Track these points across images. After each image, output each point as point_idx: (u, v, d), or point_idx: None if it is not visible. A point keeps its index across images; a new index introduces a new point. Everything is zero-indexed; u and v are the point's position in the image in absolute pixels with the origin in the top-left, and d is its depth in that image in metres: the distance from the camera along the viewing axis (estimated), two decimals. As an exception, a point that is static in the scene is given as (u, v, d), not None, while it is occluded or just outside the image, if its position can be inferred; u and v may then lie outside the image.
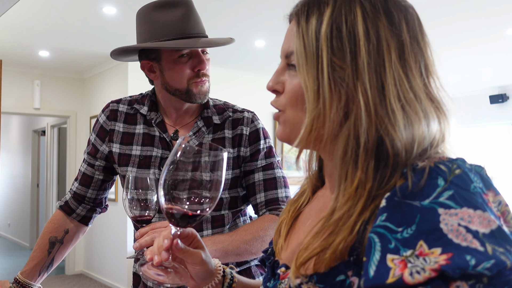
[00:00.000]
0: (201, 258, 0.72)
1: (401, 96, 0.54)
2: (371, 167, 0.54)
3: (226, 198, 1.31)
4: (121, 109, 1.36)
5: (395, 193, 0.50)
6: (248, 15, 3.81)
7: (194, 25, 1.24)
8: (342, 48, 0.56)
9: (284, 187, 1.34)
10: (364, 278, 0.48)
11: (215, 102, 1.39)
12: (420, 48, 0.58)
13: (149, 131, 1.32)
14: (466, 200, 0.47)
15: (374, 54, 0.55)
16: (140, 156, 1.30)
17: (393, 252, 0.46)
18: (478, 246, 0.44)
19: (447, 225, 0.46)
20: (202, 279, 0.75)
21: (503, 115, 6.80)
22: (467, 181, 0.49)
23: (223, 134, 1.32)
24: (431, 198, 0.48)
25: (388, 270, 0.46)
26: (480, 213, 0.46)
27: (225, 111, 1.36)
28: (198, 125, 1.31)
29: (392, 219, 0.48)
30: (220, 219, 1.30)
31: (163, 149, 1.30)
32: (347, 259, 0.53)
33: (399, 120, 0.53)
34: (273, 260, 0.70)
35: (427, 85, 0.57)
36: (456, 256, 0.43)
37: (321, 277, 0.54)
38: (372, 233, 0.49)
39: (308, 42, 0.57)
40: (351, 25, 0.56)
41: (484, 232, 0.45)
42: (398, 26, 0.57)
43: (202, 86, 1.25)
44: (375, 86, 0.54)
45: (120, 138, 1.33)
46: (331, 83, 0.56)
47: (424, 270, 0.44)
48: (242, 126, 1.32)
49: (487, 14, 3.81)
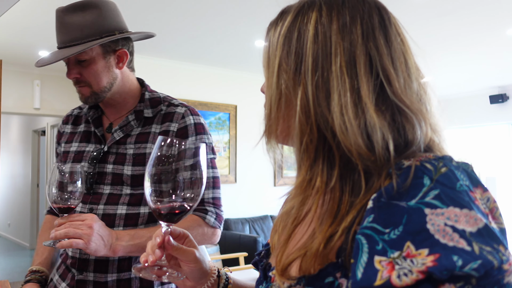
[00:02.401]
0: (194, 256, 0.72)
1: (342, 100, 0.54)
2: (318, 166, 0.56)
3: None
4: (74, 114, 1.47)
5: (381, 194, 0.50)
6: (248, 15, 3.81)
7: (63, 36, 1.27)
8: (290, 51, 0.59)
9: (212, 188, 1.31)
10: (351, 280, 0.47)
11: (153, 95, 1.39)
12: (378, 51, 0.56)
13: (88, 128, 1.40)
14: (452, 199, 0.47)
15: (321, 57, 0.56)
16: (75, 152, 1.36)
17: (381, 253, 0.46)
18: (465, 245, 0.44)
19: (433, 225, 0.45)
20: (197, 279, 0.75)
21: (503, 115, 6.79)
22: (453, 180, 0.48)
23: (150, 129, 1.32)
24: (417, 198, 0.47)
25: (375, 272, 0.45)
26: (466, 212, 0.46)
27: (160, 105, 1.36)
28: (128, 119, 1.33)
29: (379, 220, 0.48)
30: (134, 218, 1.28)
31: (95, 144, 1.35)
32: (335, 261, 0.53)
33: (338, 126, 0.54)
34: (265, 262, 0.71)
35: (386, 88, 0.55)
36: (443, 257, 0.43)
37: (310, 280, 0.54)
38: (359, 235, 0.49)
39: (271, 47, 0.62)
40: (302, 30, 0.59)
41: (471, 231, 0.45)
42: (350, 29, 0.57)
43: (80, 90, 1.31)
44: (322, 90, 0.56)
45: (66, 138, 1.43)
46: (276, 86, 0.60)
47: (411, 272, 0.43)
48: (170, 122, 1.31)
49: (487, 14, 3.81)
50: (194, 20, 3.91)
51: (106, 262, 1.26)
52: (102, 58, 1.28)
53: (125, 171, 1.29)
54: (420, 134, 0.55)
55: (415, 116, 0.55)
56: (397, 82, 0.56)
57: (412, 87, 0.57)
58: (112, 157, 1.31)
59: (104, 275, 1.26)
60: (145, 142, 1.30)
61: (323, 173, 0.56)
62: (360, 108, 0.54)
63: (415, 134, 0.55)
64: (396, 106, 0.55)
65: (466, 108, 7.07)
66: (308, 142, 0.57)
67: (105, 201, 1.28)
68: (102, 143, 1.34)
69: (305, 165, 0.58)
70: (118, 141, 1.32)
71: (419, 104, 0.57)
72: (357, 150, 0.53)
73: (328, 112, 0.55)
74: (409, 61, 0.59)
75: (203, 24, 4.03)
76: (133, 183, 1.28)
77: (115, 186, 1.29)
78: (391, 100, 0.55)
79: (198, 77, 5.53)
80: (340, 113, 0.54)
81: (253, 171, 5.89)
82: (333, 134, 0.55)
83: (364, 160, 0.53)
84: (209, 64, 5.48)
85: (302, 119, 0.57)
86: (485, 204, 0.50)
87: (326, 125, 0.55)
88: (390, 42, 0.58)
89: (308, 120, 0.56)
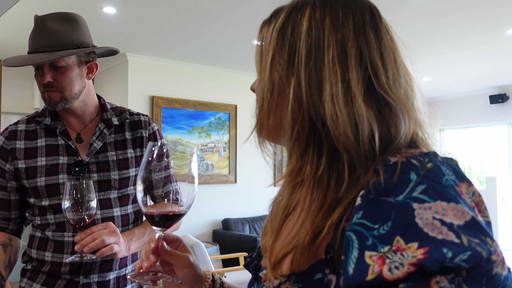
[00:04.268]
0: (188, 260, 0.72)
1: (333, 89, 0.56)
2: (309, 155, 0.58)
3: (132, 194, 1.44)
4: (20, 129, 1.45)
5: (369, 191, 0.51)
6: (248, 15, 3.81)
7: (40, 41, 1.32)
8: (283, 44, 0.61)
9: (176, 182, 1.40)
10: (343, 276, 0.48)
11: (112, 105, 1.52)
12: (367, 45, 0.59)
13: (52, 141, 1.42)
14: (439, 193, 0.47)
15: (314, 49, 0.58)
16: (47, 166, 1.39)
17: (371, 249, 0.47)
18: (454, 238, 0.44)
19: (422, 219, 0.46)
20: (192, 284, 0.75)
21: (503, 115, 6.80)
22: (439, 174, 0.49)
23: (124, 136, 1.46)
24: (405, 194, 0.48)
25: (367, 267, 0.46)
26: (453, 205, 0.46)
27: (122, 113, 1.49)
28: (99, 128, 1.44)
29: (368, 216, 0.49)
30: (126, 218, 1.42)
31: (69, 155, 1.40)
32: (324, 257, 0.53)
33: (328, 115, 0.56)
34: (256, 263, 0.71)
35: (373, 81, 0.57)
36: (433, 250, 0.44)
37: (299, 277, 0.55)
38: (349, 231, 0.49)
39: (264, 43, 0.64)
40: (296, 24, 0.61)
41: (459, 224, 0.45)
42: (343, 24, 0.59)
43: (50, 95, 1.35)
44: (314, 80, 0.58)
45: (24, 154, 1.41)
46: (269, 78, 0.62)
47: (402, 265, 0.44)
48: (141, 129, 1.47)
49: (487, 14, 3.81)
50: (194, 20, 3.91)
51: (111, 262, 1.37)
52: (76, 66, 1.37)
53: (112, 176, 1.39)
54: (403, 127, 0.57)
55: (399, 109, 0.57)
56: (384, 76, 0.58)
57: (400, 83, 0.59)
58: (93, 166, 1.39)
59: (107, 273, 1.37)
60: (125, 149, 1.44)
61: (312, 161, 0.58)
62: (350, 98, 0.56)
63: (399, 127, 0.57)
64: (382, 98, 0.57)
65: (466, 108, 7.07)
66: (299, 130, 0.58)
67: (100, 207, 1.38)
68: (77, 154, 1.40)
69: (296, 153, 0.59)
70: (98, 150, 1.41)
71: (404, 98, 0.59)
72: (345, 138, 0.55)
73: (320, 101, 0.57)
74: (398, 58, 0.61)
75: (203, 24, 4.03)
76: (120, 185, 1.41)
77: (102, 192, 1.38)
78: (377, 93, 0.57)
79: (198, 77, 5.53)
80: (332, 102, 0.56)
81: (253, 171, 5.89)
82: (323, 123, 0.57)
83: (349, 150, 0.55)
84: (209, 64, 5.48)
85: (294, 107, 0.58)
86: (471, 198, 0.50)
87: (317, 114, 0.57)
88: (380, 38, 0.60)
89: (300, 108, 0.58)
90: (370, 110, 0.56)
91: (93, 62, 1.42)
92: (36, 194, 1.39)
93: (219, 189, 5.62)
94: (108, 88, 5.50)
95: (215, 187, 5.64)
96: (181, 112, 5.33)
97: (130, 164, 1.43)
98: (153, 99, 5.10)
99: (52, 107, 1.36)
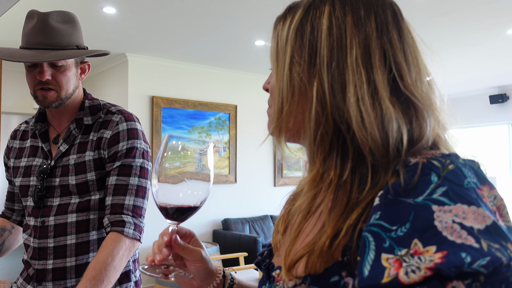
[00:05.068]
0: (201, 255, 0.72)
1: (358, 92, 0.55)
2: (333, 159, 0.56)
3: (94, 199, 1.33)
4: (21, 129, 1.50)
5: (388, 191, 0.49)
6: (248, 15, 3.81)
7: (40, 38, 1.29)
8: (302, 43, 0.59)
9: (134, 196, 1.31)
10: (358, 278, 0.47)
11: (93, 103, 1.43)
12: (391, 45, 0.57)
13: (34, 143, 1.43)
14: (460, 196, 0.46)
15: (337, 49, 0.56)
16: (25, 167, 1.40)
17: (388, 251, 0.46)
18: (473, 242, 0.43)
19: (441, 222, 0.45)
20: (204, 279, 0.75)
21: (503, 115, 6.80)
22: (461, 177, 0.48)
23: (89, 137, 1.37)
24: (425, 195, 0.47)
25: (383, 269, 0.45)
26: (474, 209, 0.45)
27: (99, 112, 1.41)
28: (69, 128, 1.38)
29: (386, 218, 0.48)
30: (85, 225, 1.33)
31: (43, 158, 1.39)
32: (340, 260, 0.53)
33: (354, 117, 0.54)
34: (268, 262, 0.70)
35: (398, 82, 0.56)
36: (451, 254, 0.43)
37: (315, 279, 0.54)
38: (366, 232, 0.48)
39: (280, 41, 0.61)
40: (315, 22, 0.59)
41: (479, 228, 0.44)
42: (365, 23, 0.57)
43: (45, 95, 1.32)
44: (337, 81, 0.56)
45: (15, 154, 1.46)
46: (289, 79, 0.59)
47: (419, 269, 0.43)
48: (105, 129, 1.36)
49: (487, 14, 3.81)
50: (194, 20, 3.91)
51: (64, 270, 1.32)
52: (74, 66, 1.37)
53: (69, 181, 1.34)
54: (429, 129, 0.55)
55: (425, 110, 0.56)
56: (409, 77, 0.56)
57: (423, 82, 0.58)
58: (58, 170, 1.36)
59: (63, 281, 1.31)
60: (84, 151, 1.35)
61: (336, 166, 0.56)
62: (377, 100, 0.54)
63: (424, 128, 0.55)
64: (408, 100, 0.56)
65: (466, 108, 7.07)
66: (323, 133, 0.56)
67: (55, 212, 1.33)
68: (49, 158, 1.39)
69: (319, 158, 0.57)
70: (63, 153, 1.37)
71: (429, 99, 0.57)
72: (372, 142, 0.53)
73: (344, 103, 0.55)
74: (420, 58, 0.60)
75: (203, 24, 4.03)
76: (79, 191, 1.33)
77: (63, 197, 1.34)
78: (403, 94, 0.56)
79: (198, 77, 5.53)
80: (357, 105, 0.54)
81: (253, 171, 5.89)
82: (347, 126, 0.55)
83: (375, 154, 0.53)
84: (209, 64, 5.48)
85: (318, 110, 0.56)
86: (493, 202, 0.49)
87: (341, 117, 0.55)
88: (403, 37, 0.59)
89: (323, 111, 0.56)
90: (399, 111, 0.54)
91: (86, 63, 1.43)
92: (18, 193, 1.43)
93: (219, 189, 5.62)
94: (108, 88, 5.50)
95: (215, 187, 5.64)
96: (181, 112, 5.33)
97: (88, 168, 1.33)
98: (153, 99, 5.10)
99: (46, 106, 1.34)
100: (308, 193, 0.58)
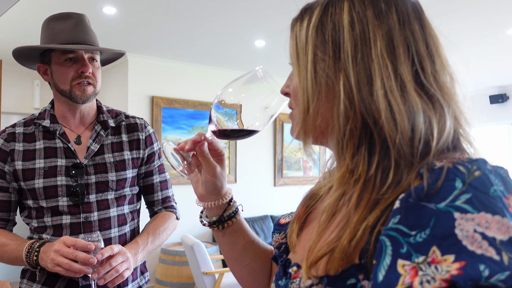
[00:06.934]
0: (215, 170, 0.75)
1: (386, 85, 0.54)
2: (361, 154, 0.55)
3: (128, 195, 1.49)
4: (18, 131, 1.46)
5: (410, 194, 0.48)
6: (248, 15, 3.80)
7: (82, 34, 1.40)
8: (325, 40, 0.58)
9: (170, 188, 1.63)
10: (372, 282, 0.46)
11: (108, 108, 1.57)
12: (414, 37, 0.57)
13: (50, 144, 1.44)
14: (484, 204, 0.44)
15: (360, 43, 0.56)
16: (45, 168, 1.41)
17: (405, 257, 0.44)
18: (494, 254, 0.41)
19: (462, 230, 0.43)
20: (208, 192, 0.78)
21: (503, 115, 6.79)
22: (487, 184, 0.46)
23: (121, 138, 1.51)
24: (447, 201, 0.45)
25: (398, 276, 0.44)
26: (498, 219, 0.43)
27: (118, 116, 1.54)
28: (96, 130, 1.48)
29: (406, 222, 0.46)
30: (122, 218, 1.47)
31: (67, 158, 1.43)
32: (358, 262, 0.51)
33: (383, 110, 0.53)
34: (285, 258, 0.70)
35: (420, 74, 0.56)
36: (469, 265, 0.41)
37: (332, 280, 0.53)
38: (383, 236, 0.47)
39: (299, 42, 0.61)
40: (335, 18, 0.58)
41: (502, 239, 0.42)
42: (387, 15, 0.57)
43: (85, 89, 1.40)
44: (363, 75, 0.55)
45: (22, 156, 1.43)
46: (314, 76, 0.59)
47: (434, 279, 0.41)
48: (137, 132, 1.53)
49: (487, 14, 3.81)
50: (194, 20, 3.91)
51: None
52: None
53: (109, 177, 1.43)
54: (449, 123, 0.55)
55: (446, 104, 0.55)
56: (432, 69, 0.56)
57: (445, 75, 0.57)
58: (91, 168, 1.42)
59: None
60: (121, 151, 1.49)
61: (364, 161, 0.55)
62: (405, 92, 0.54)
63: (445, 122, 0.54)
64: (430, 92, 0.55)
65: (466, 108, 7.06)
66: (352, 128, 0.56)
67: (97, 208, 1.40)
68: (75, 157, 1.42)
69: (349, 154, 0.56)
70: (95, 152, 1.44)
71: (450, 92, 0.57)
72: (400, 134, 0.52)
73: (371, 96, 0.55)
74: (441, 50, 0.59)
75: (203, 24, 4.03)
76: (117, 187, 1.45)
77: (99, 193, 1.42)
78: (425, 86, 0.55)
79: (198, 77, 5.53)
80: (385, 98, 0.53)
81: (253, 171, 5.89)
82: (374, 120, 0.54)
83: (401, 148, 0.52)
84: (209, 64, 5.48)
85: (346, 104, 0.56)
86: None
87: (368, 110, 0.55)
88: (425, 28, 0.58)
89: (352, 106, 0.56)
90: (425, 104, 0.53)
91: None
92: (34, 196, 1.39)
93: (219, 189, 5.62)
94: (108, 88, 5.50)
95: (215, 187, 5.63)
96: (181, 112, 5.33)
97: (127, 166, 1.48)
98: (153, 99, 5.10)
99: (84, 100, 1.42)
100: (339, 190, 0.57)
